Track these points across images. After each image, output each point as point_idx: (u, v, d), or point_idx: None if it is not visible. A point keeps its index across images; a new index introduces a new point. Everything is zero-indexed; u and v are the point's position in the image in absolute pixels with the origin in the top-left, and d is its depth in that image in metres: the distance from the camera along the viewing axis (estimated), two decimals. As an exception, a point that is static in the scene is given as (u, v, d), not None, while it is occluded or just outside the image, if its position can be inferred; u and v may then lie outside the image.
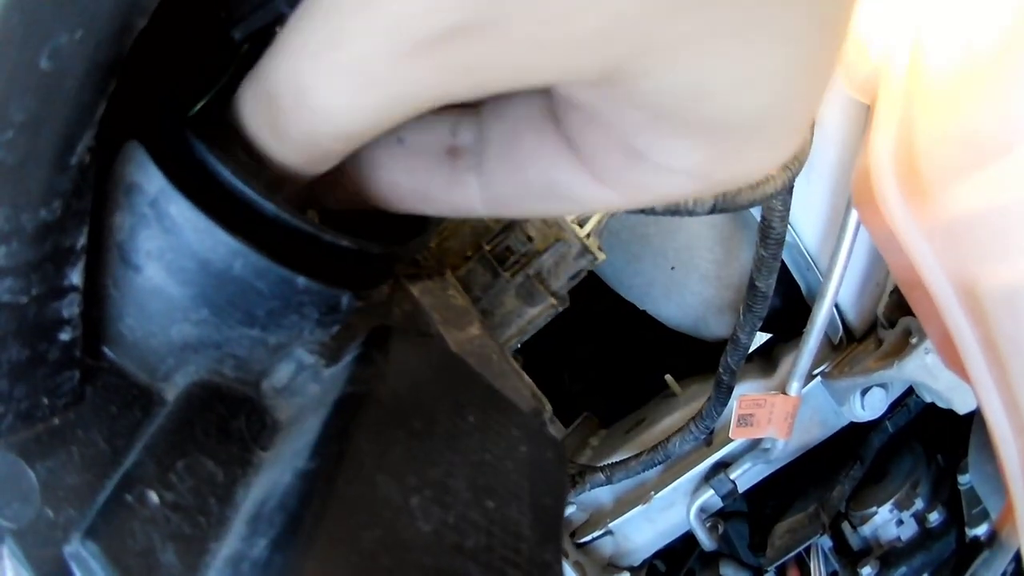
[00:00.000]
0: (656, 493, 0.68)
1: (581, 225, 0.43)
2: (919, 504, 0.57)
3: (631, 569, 0.72)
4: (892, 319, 0.56)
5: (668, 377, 0.80)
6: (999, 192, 0.23)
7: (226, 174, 0.24)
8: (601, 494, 0.73)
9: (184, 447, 0.25)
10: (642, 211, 0.43)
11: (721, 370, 0.63)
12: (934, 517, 0.57)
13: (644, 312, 0.81)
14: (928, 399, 0.54)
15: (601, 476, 0.69)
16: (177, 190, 0.24)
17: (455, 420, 0.27)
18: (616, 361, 0.96)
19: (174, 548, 0.23)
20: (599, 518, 0.72)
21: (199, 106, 0.27)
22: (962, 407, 0.51)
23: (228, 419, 0.27)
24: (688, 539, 0.83)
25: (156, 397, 0.28)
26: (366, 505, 0.22)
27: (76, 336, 0.24)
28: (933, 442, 0.63)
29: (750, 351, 0.71)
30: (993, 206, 0.23)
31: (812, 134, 0.45)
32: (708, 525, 0.70)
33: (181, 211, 0.24)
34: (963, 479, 0.56)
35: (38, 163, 0.19)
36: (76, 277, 0.23)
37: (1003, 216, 0.24)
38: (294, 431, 0.27)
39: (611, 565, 0.73)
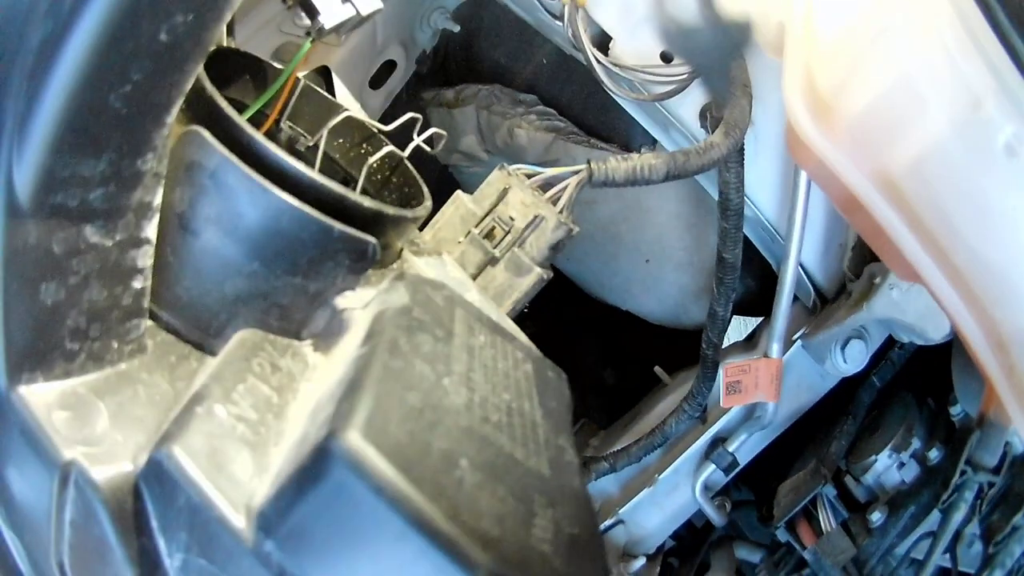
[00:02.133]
0: (660, 475, 0.73)
1: (555, 203, 0.49)
2: (916, 444, 0.62)
3: (647, 556, 0.76)
4: (857, 271, 0.62)
5: (657, 368, 0.86)
6: (875, 83, 0.29)
7: (274, 153, 0.31)
8: (607, 485, 0.77)
9: (243, 375, 0.30)
10: (603, 183, 0.48)
11: (704, 346, 0.69)
12: (934, 454, 0.61)
13: (626, 315, 0.87)
14: (905, 339, 0.60)
15: (605, 464, 0.74)
16: (235, 163, 0.30)
17: (469, 336, 0.33)
18: (606, 366, 1.02)
19: (241, 450, 0.28)
20: (609, 508, 0.76)
21: (254, 108, 0.34)
22: (936, 334, 0.56)
23: (277, 358, 0.32)
24: (698, 533, 0.87)
25: (208, 351, 0.33)
26: (408, 376, 0.27)
27: (146, 286, 0.30)
28: (921, 389, 0.68)
29: (736, 339, 0.77)
30: (874, 97, 0.30)
31: (751, 103, 0.52)
32: (716, 503, 0.75)
33: (238, 179, 0.30)
34: (955, 410, 0.60)
35: (144, 117, 0.25)
36: (151, 231, 0.29)
37: (885, 102, 0.30)
38: (336, 349, 0.32)
39: (626, 554, 0.77)
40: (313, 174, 0.32)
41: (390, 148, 0.44)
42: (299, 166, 0.32)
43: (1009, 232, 0.31)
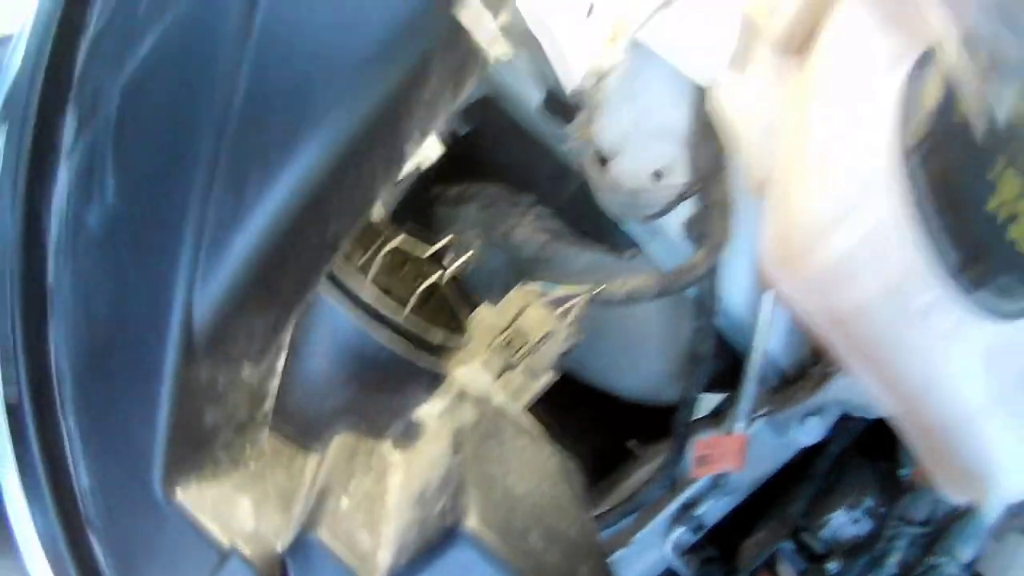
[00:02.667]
0: (634, 536, 0.82)
1: (564, 317, 0.60)
2: (869, 503, 0.71)
3: (622, 610, 0.85)
4: (816, 358, 0.73)
5: (632, 442, 0.96)
6: (831, 250, 0.41)
7: (373, 297, 0.41)
8: (591, 548, 0.86)
9: (351, 472, 0.39)
10: (605, 302, 0.59)
11: (676, 425, 0.79)
12: (885, 511, 0.71)
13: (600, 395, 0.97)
14: (857, 413, 0.71)
15: (590, 529, 0.83)
16: (343, 308, 0.40)
17: (515, 439, 0.43)
18: (582, 439, 1.11)
19: (361, 531, 0.37)
20: (592, 569, 0.85)
21: (364, 258, 0.44)
22: (883, 411, 0.67)
23: (368, 457, 0.41)
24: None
25: (310, 451, 0.42)
26: (490, 476, 0.37)
27: (272, 405, 0.39)
28: (875, 453, 0.79)
29: (705, 413, 0.88)
30: (829, 261, 0.41)
31: (730, 223, 0.63)
32: (686, 560, 0.84)
33: (344, 321, 0.40)
34: (904, 472, 0.71)
35: (308, 282, 0.34)
36: (282, 362, 0.38)
37: (836, 266, 0.41)
38: (415, 450, 0.42)
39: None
40: (400, 319, 0.42)
41: (436, 276, 0.54)
42: (392, 310, 0.42)
43: (923, 367, 0.43)
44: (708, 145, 0.62)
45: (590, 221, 0.86)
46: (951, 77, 0.33)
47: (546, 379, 0.59)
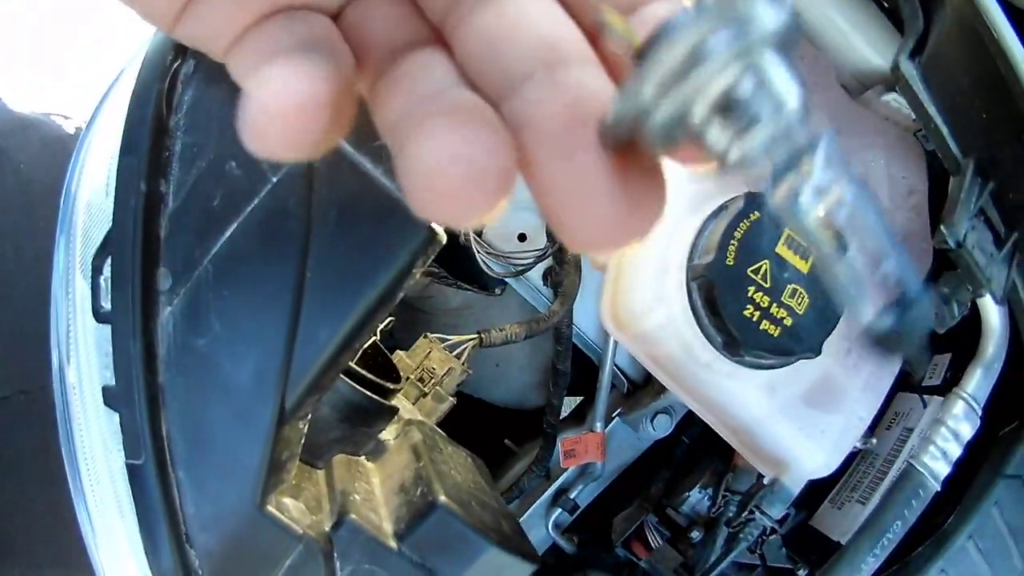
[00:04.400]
0: (520, 519, 1.18)
1: (459, 357, 0.95)
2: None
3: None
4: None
5: (507, 441, 1.32)
6: (650, 321, 0.78)
7: (363, 372, 0.74)
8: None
9: (353, 478, 0.72)
10: (488, 345, 0.95)
11: (545, 426, 1.15)
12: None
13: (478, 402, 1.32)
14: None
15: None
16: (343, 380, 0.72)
17: (445, 446, 0.77)
18: (468, 441, 1.47)
19: (370, 512, 0.70)
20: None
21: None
22: None
23: (356, 467, 0.74)
24: (553, 568, 1.33)
25: (315, 467, 0.75)
26: (441, 472, 0.71)
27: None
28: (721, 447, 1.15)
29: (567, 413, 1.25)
30: (647, 329, 0.79)
31: (580, 275, 1.00)
32: (566, 538, 1.21)
33: (342, 384, 0.72)
34: None
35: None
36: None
37: (652, 331, 0.79)
38: (382, 461, 0.75)
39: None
40: (369, 377, 0.76)
41: (375, 338, 0.87)
42: (362, 372, 0.75)
43: (718, 394, 0.81)
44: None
45: (464, 267, 1.21)
46: (726, 234, 0.71)
47: (449, 403, 0.94)
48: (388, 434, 0.80)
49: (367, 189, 0.62)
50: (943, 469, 0.79)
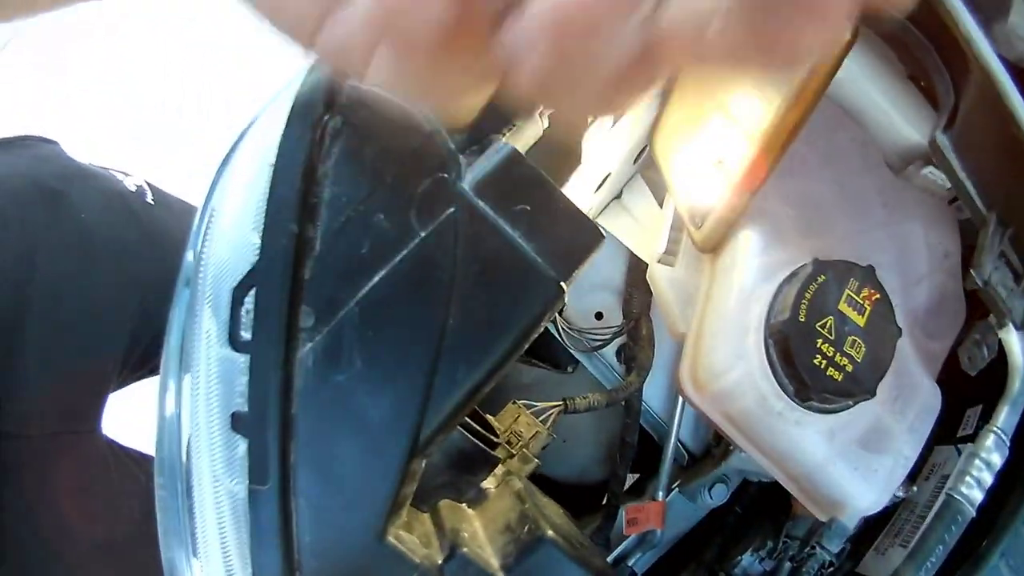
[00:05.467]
0: (580, 587, 1.20)
1: (544, 422, 0.98)
2: (771, 544, 1.07)
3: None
4: (719, 440, 1.14)
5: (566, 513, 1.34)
6: (725, 384, 0.82)
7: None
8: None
9: (461, 522, 0.75)
10: (572, 412, 0.99)
11: (609, 496, 1.18)
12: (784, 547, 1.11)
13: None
14: (755, 479, 1.12)
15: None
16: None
17: (542, 497, 0.81)
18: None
19: (480, 551, 0.73)
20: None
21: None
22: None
23: (461, 512, 0.77)
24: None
25: (422, 511, 0.78)
26: (543, 516, 0.74)
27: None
28: (777, 511, 1.17)
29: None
30: (723, 389, 0.83)
31: (653, 350, 1.04)
32: (622, 603, 1.23)
33: (456, 432, 0.76)
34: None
35: None
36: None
37: (728, 392, 0.83)
38: (482, 507, 0.78)
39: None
40: (491, 438, 0.80)
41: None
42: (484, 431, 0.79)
43: (785, 441, 0.85)
44: (638, 294, 1.04)
45: (537, 344, 1.25)
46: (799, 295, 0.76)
47: (534, 464, 0.97)
48: (489, 483, 0.84)
49: (505, 249, 0.67)
50: (978, 496, 0.87)
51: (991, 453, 0.88)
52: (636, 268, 1.07)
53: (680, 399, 1.12)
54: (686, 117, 0.92)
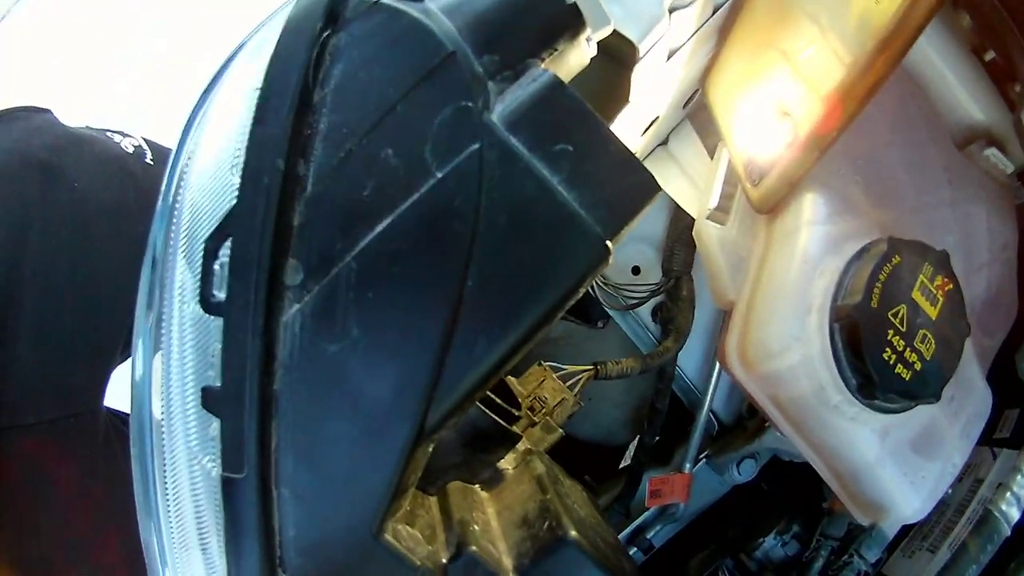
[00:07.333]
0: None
1: (571, 388, 0.85)
2: (796, 528, 0.99)
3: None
4: (752, 412, 1.02)
5: (586, 477, 1.22)
6: (780, 363, 0.69)
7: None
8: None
9: (471, 507, 0.63)
10: (603, 378, 0.86)
11: (633, 463, 1.06)
12: (809, 535, 0.99)
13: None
14: (786, 458, 0.99)
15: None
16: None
17: (564, 479, 0.68)
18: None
19: (488, 545, 0.61)
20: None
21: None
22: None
23: (471, 495, 0.65)
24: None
25: (429, 494, 0.66)
26: (567, 507, 0.61)
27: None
28: (802, 494, 1.07)
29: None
30: (777, 369, 0.69)
31: (693, 313, 0.91)
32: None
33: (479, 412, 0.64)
34: (824, 503, 0.98)
35: None
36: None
37: (782, 373, 0.70)
38: (498, 490, 0.66)
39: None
40: (496, 400, 0.67)
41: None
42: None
43: (836, 437, 0.72)
44: (681, 251, 0.90)
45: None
46: (872, 276, 0.62)
47: (558, 435, 0.85)
48: (507, 463, 0.71)
49: (540, 196, 0.53)
50: (1015, 515, 0.80)
51: (1034, 470, 0.78)
52: (680, 222, 0.93)
53: (717, 367, 0.98)
54: (748, 62, 0.78)
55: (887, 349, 0.69)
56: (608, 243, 0.53)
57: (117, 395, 1.13)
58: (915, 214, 0.80)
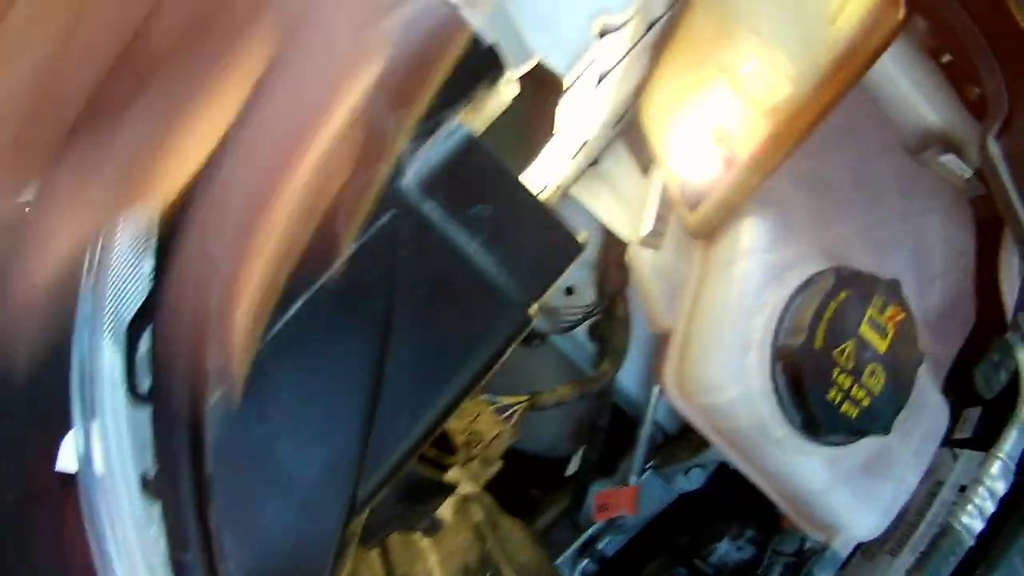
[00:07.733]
0: (548, 568, 1.10)
1: (508, 420, 0.86)
2: (750, 533, 1.01)
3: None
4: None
5: (534, 491, 1.23)
6: (717, 397, 0.70)
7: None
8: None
9: (413, 558, 0.63)
10: (540, 408, 0.86)
11: (578, 477, 1.07)
12: (764, 539, 1.01)
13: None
14: (733, 466, 1.01)
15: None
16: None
17: (499, 516, 0.69)
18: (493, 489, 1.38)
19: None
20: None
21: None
22: None
23: (411, 545, 0.65)
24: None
25: (370, 547, 0.66)
26: (504, 544, 0.62)
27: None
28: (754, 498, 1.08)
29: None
30: (714, 403, 0.71)
31: (628, 334, 0.92)
32: (592, 585, 1.13)
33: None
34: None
35: None
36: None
37: (720, 407, 0.71)
38: (439, 538, 0.66)
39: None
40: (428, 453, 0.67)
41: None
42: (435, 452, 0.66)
43: (783, 467, 0.74)
44: (615, 272, 0.91)
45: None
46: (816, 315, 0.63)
47: (496, 467, 0.85)
48: (445, 510, 0.72)
49: (459, 266, 0.53)
50: (978, 526, 0.80)
51: (996, 481, 0.79)
52: (613, 242, 0.94)
53: (655, 390, 1.00)
54: (684, 79, 0.76)
55: (832, 389, 0.69)
56: (529, 310, 0.53)
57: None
58: (864, 233, 0.79)
